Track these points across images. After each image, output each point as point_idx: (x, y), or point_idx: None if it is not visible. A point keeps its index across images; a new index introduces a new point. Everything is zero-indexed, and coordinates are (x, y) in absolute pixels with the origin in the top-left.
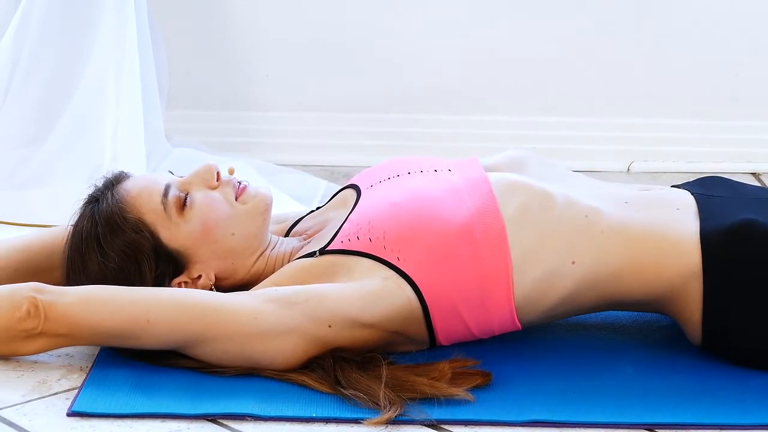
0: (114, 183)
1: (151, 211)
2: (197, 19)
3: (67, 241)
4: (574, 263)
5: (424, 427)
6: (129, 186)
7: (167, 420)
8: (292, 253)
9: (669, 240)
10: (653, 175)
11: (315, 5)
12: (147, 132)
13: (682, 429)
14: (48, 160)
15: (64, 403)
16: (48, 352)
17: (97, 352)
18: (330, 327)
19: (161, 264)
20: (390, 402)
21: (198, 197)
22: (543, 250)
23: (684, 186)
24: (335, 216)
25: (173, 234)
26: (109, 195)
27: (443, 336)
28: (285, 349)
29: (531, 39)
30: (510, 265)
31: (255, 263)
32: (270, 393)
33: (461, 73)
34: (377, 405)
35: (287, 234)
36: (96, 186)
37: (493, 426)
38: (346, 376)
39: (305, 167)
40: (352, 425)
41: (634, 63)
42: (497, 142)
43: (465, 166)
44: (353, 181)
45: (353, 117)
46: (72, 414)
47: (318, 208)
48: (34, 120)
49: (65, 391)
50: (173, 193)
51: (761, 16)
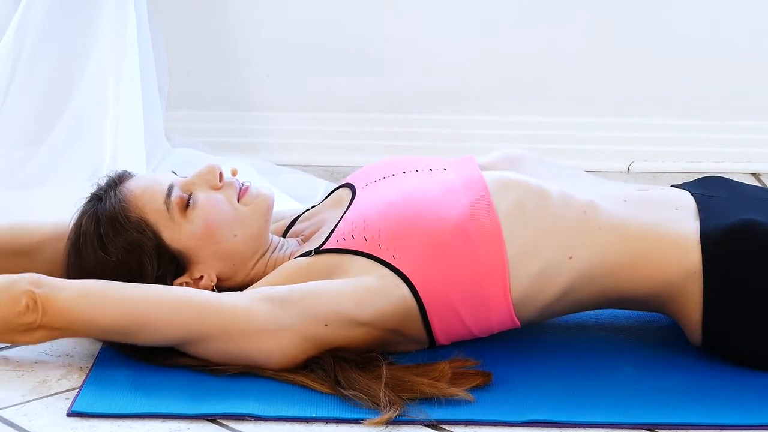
0: (117, 182)
1: (154, 211)
2: (197, 19)
3: (69, 239)
4: (571, 259)
5: (424, 427)
6: (132, 185)
7: (167, 420)
8: (291, 256)
9: (668, 238)
10: (653, 175)
11: (315, 5)
12: (147, 132)
13: (682, 429)
14: (48, 160)
15: (64, 403)
16: (48, 351)
17: (97, 352)
18: (326, 326)
19: (163, 264)
20: (390, 402)
21: (201, 198)
22: (539, 246)
23: (684, 186)
24: (330, 216)
25: (175, 234)
26: (112, 194)
27: (442, 334)
28: (281, 348)
29: (531, 39)
30: (506, 262)
31: (256, 265)
32: (270, 393)
33: (461, 73)
34: (377, 405)
35: (285, 234)
36: (99, 185)
37: (494, 426)
38: (346, 376)
39: (305, 167)
40: (352, 425)
41: (634, 63)
42: (497, 142)
43: (461, 164)
44: (348, 180)
45: (353, 117)
46: (72, 414)
47: (313, 206)
48: (34, 120)
49: (65, 391)
50: (176, 194)
51: (761, 16)
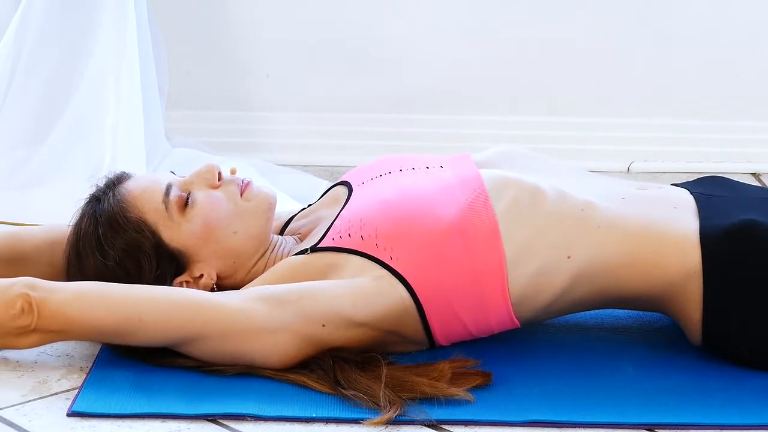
0: (116, 183)
1: (153, 211)
2: (197, 19)
3: (68, 240)
4: (569, 258)
5: (424, 427)
6: (131, 186)
7: (167, 420)
8: (288, 254)
9: (667, 237)
10: (653, 175)
11: (315, 5)
12: (147, 132)
13: (682, 429)
14: (48, 160)
15: (64, 403)
16: (47, 352)
17: (97, 352)
18: (323, 326)
19: (162, 263)
20: (390, 402)
21: (200, 197)
22: (537, 244)
23: (683, 185)
24: (327, 214)
25: (175, 233)
26: (111, 195)
27: (441, 335)
28: (278, 348)
29: (530, 39)
30: (504, 261)
31: (256, 263)
32: (270, 393)
33: (461, 73)
34: (377, 405)
35: (282, 232)
36: (97, 186)
37: (494, 426)
38: (345, 376)
39: (305, 167)
40: (352, 425)
41: (633, 63)
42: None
43: (457, 162)
44: (344, 178)
45: (353, 117)
46: (72, 414)
47: (309, 205)
48: (34, 120)
49: (65, 391)
50: (175, 193)
51: (761, 15)
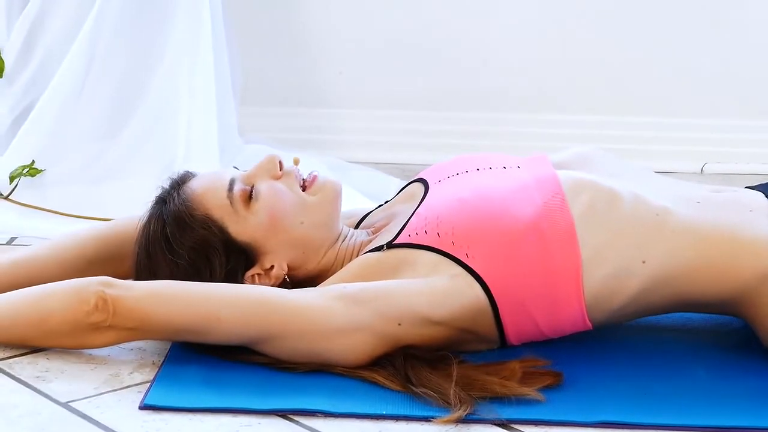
0: (180, 183)
1: (218, 207)
2: (271, 17)
3: (137, 243)
4: (644, 262)
5: (494, 427)
6: (194, 184)
7: (238, 415)
8: (360, 247)
9: (742, 241)
10: (727, 177)
11: (387, 5)
12: (220, 128)
13: None
14: (122, 155)
15: (136, 396)
16: (120, 345)
17: (169, 346)
18: (400, 325)
19: (232, 258)
20: (460, 400)
21: (263, 188)
22: (612, 247)
23: (758, 188)
24: (402, 210)
25: (241, 227)
26: (176, 195)
27: (513, 334)
28: (355, 347)
29: (604, 39)
30: (580, 262)
31: (326, 254)
32: (340, 390)
33: (535, 73)
34: (447, 403)
35: (356, 227)
36: (162, 187)
37: (564, 426)
38: (416, 373)
39: (377, 165)
40: (422, 423)
41: (708, 64)
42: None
43: (534, 163)
44: (421, 176)
45: (426, 115)
46: (144, 407)
47: (386, 202)
48: (108, 115)
49: (137, 385)
50: (238, 187)
51: None
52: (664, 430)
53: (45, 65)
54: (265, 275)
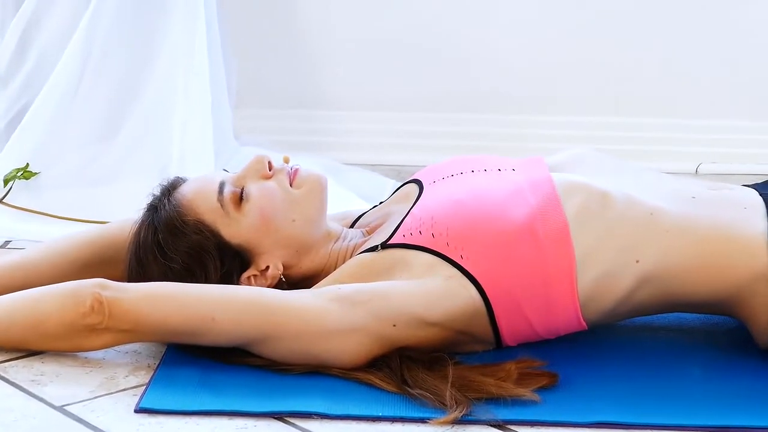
0: (170, 189)
1: (209, 211)
2: (267, 18)
3: (130, 252)
4: (638, 262)
5: (490, 427)
6: (185, 190)
7: (234, 417)
8: (355, 247)
9: (736, 241)
10: (721, 177)
11: (385, 5)
12: (215, 131)
13: None
14: (117, 157)
15: (131, 400)
16: (115, 348)
17: (165, 349)
18: (395, 326)
19: (227, 261)
20: (456, 402)
21: (253, 189)
22: (605, 248)
23: (753, 186)
24: (397, 210)
25: (234, 230)
26: (166, 201)
27: (508, 335)
28: (350, 348)
29: (601, 39)
30: (574, 262)
31: (320, 252)
32: (336, 391)
33: (531, 74)
34: (443, 405)
35: (351, 227)
36: (153, 194)
37: (559, 427)
38: (412, 375)
39: (373, 166)
40: (418, 424)
41: (703, 64)
42: (565, 142)
43: (529, 165)
44: (416, 177)
45: (422, 116)
46: (139, 410)
47: (381, 202)
48: (103, 118)
49: (133, 388)
50: (228, 190)
51: None
52: (659, 430)
53: (40, 67)
54: (261, 276)
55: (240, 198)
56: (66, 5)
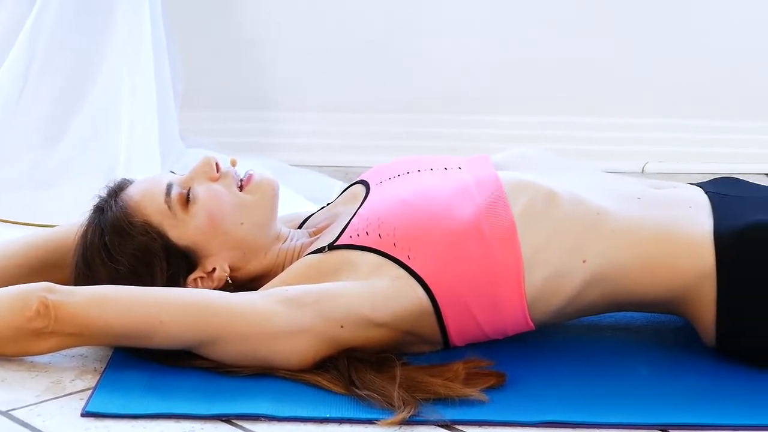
0: (117, 191)
1: (156, 212)
2: (212, 19)
3: (76, 253)
4: (584, 262)
5: (438, 428)
6: (132, 191)
7: (181, 420)
8: (302, 248)
9: (681, 240)
10: (668, 176)
11: (328, 7)
12: (162, 132)
13: (695, 429)
14: (63, 161)
15: (78, 404)
16: (61, 352)
17: (111, 353)
18: (342, 327)
19: (173, 263)
20: (404, 402)
21: (200, 191)
22: (552, 248)
23: (698, 185)
24: (344, 211)
25: (181, 231)
26: (113, 203)
27: (456, 336)
28: (298, 350)
29: (543, 40)
30: (521, 262)
31: (267, 255)
32: (284, 393)
33: (474, 74)
34: (391, 405)
35: (299, 229)
36: (100, 196)
37: (507, 426)
38: (360, 376)
39: (320, 167)
40: (366, 426)
41: (648, 63)
42: (510, 142)
43: (475, 164)
44: (363, 177)
45: (368, 117)
46: (86, 414)
47: (329, 203)
48: (49, 121)
49: (79, 392)
50: (176, 191)
51: None
52: (607, 428)
53: None
54: (208, 278)
55: (187, 199)
56: (9, 7)
